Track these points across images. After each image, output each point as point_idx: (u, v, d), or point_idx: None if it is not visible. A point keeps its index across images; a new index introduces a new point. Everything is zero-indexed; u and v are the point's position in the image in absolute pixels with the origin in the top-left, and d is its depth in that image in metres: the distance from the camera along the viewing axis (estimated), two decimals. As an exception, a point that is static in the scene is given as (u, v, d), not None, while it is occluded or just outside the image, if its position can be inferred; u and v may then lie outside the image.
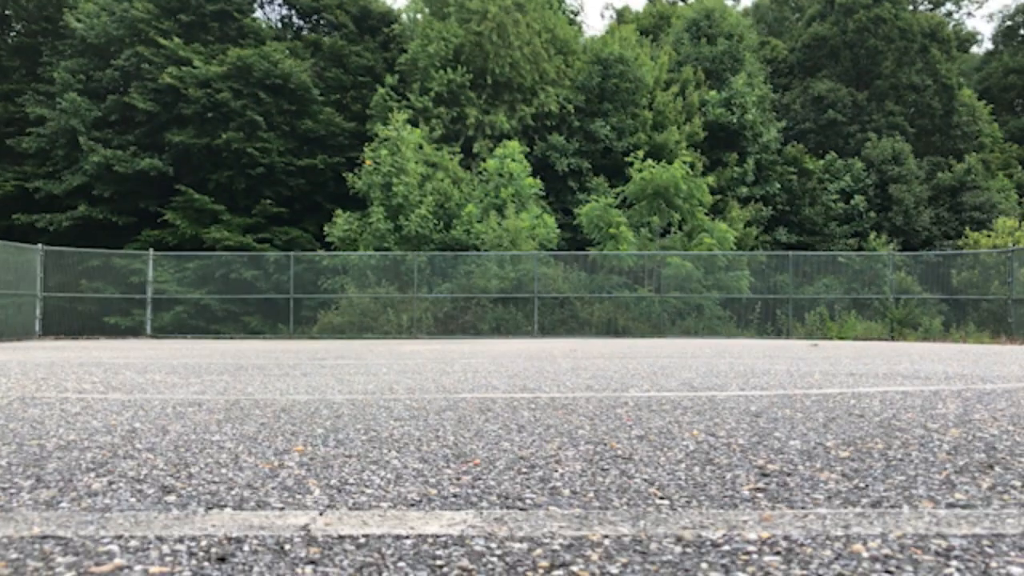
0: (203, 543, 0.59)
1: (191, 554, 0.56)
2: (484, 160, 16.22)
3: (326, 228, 15.49)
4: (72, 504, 0.73)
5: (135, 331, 13.08)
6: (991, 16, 46.08)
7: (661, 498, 0.71)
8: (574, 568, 0.51)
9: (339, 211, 15.49)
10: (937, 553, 0.55)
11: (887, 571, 0.50)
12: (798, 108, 23.46)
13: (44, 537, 0.61)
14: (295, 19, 21.59)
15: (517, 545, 0.58)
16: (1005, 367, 3.49)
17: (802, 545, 0.57)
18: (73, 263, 13.17)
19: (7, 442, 1.15)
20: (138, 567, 0.52)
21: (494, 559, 0.54)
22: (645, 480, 0.82)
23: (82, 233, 16.99)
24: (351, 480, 0.82)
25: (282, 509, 0.69)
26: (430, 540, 0.59)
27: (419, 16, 19.49)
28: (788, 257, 14.30)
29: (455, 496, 0.76)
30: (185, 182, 17.32)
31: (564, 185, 18.03)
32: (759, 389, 2.14)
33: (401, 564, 0.52)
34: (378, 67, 19.63)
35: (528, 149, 17.12)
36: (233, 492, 0.77)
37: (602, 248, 14.70)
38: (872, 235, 19.66)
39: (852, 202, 20.92)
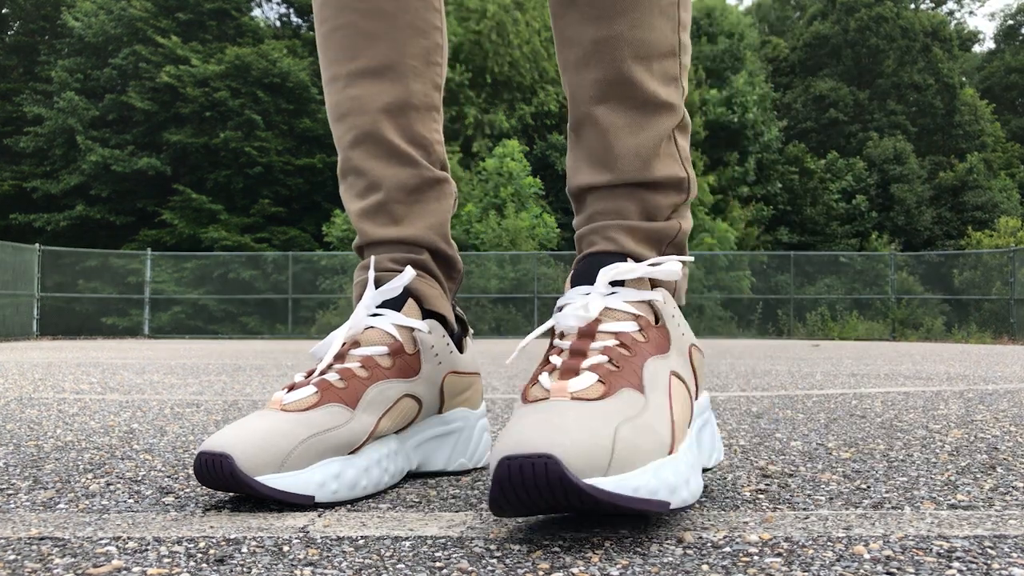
0: (201, 544, 0.58)
1: (189, 555, 0.55)
2: (483, 159, 16.21)
3: (325, 228, 15.48)
4: (70, 505, 0.73)
5: (133, 331, 13.08)
6: (992, 15, 46.17)
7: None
8: (574, 570, 0.51)
9: (338, 211, 15.48)
10: (939, 554, 0.54)
11: (888, 572, 0.50)
12: (799, 107, 23.48)
13: (42, 538, 0.61)
14: (293, 17, 21.59)
15: (517, 547, 0.57)
16: (1007, 368, 3.49)
17: (804, 547, 0.57)
18: (71, 263, 13.16)
19: (4, 443, 1.15)
20: (136, 568, 0.52)
21: (494, 560, 0.54)
22: (646, 481, 0.81)
23: (80, 233, 16.99)
24: (350, 481, 0.81)
25: (280, 511, 0.69)
26: (429, 542, 0.59)
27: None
28: (789, 257, 14.30)
29: (454, 498, 0.76)
30: (183, 182, 17.31)
31: (564, 184, 18.05)
32: (760, 390, 2.15)
33: (400, 566, 0.52)
34: (378, 66, 19.61)
35: (528, 148, 17.12)
36: (231, 493, 0.77)
37: (602, 248, 14.69)
38: (874, 235, 19.66)
39: (854, 202, 20.93)
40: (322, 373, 0.76)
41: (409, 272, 0.81)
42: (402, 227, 0.87)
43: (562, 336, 0.71)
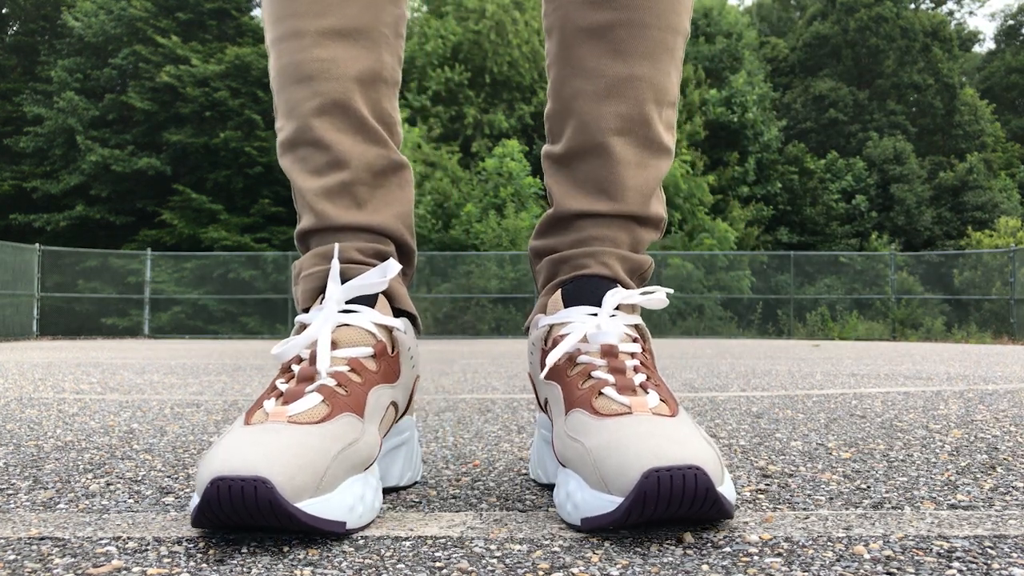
0: (201, 544, 0.58)
1: (189, 555, 0.55)
2: (483, 159, 16.21)
3: (325, 228, 15.45)
4: (70, 505, 0.73)
5: (133, 331, 13.07)
6: (993, 15, 46.15)
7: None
8: (574, 570, 0.51)
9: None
10: (939, 554, 0.54)
11: (888, 572, 0.50)
12: (799, 107, 23.47)
13: (42, 538, 0.61)
14: (294, 18, 21.55)
15: (517, 547, 0.57)
16: (1007, 368, 3.49)
17: (804, 547, 0.57)
18: (70, 263, 13.15)
19: (4, 443, 1.14)
20: (136, 568, 0.52)
21: (494, 560, 0.54)
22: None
23: (79, 233, 16.97)
24: (350, 481, 0.81)
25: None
26: (429, 542, 0.59)
27: (417, 14, 19.48)
28: (789, 257, 14.29)
29: (454, 498, 0.76)
30: (183, 181, 17.30)
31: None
32: (760, 390, 2.14)
33: (400, 566, 0.52)
34: (377, 66, 19.60)
35: (527, 148, 17.09)
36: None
37: (602, 248, 14.68)
38: (874, 235, 19.65)
39: (853, 202, 20.92)
40: (314, 378, 0.65)
41: (395, 265, 0.72)
42: (368, 213, 0.78)
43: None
